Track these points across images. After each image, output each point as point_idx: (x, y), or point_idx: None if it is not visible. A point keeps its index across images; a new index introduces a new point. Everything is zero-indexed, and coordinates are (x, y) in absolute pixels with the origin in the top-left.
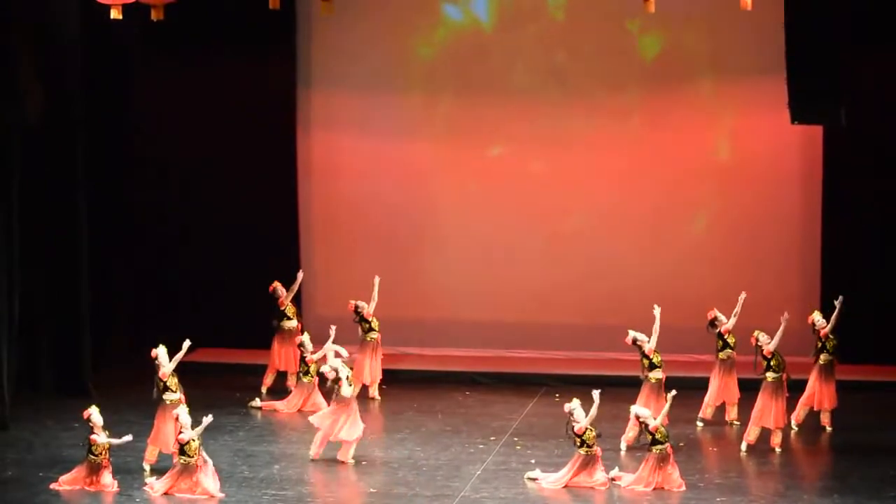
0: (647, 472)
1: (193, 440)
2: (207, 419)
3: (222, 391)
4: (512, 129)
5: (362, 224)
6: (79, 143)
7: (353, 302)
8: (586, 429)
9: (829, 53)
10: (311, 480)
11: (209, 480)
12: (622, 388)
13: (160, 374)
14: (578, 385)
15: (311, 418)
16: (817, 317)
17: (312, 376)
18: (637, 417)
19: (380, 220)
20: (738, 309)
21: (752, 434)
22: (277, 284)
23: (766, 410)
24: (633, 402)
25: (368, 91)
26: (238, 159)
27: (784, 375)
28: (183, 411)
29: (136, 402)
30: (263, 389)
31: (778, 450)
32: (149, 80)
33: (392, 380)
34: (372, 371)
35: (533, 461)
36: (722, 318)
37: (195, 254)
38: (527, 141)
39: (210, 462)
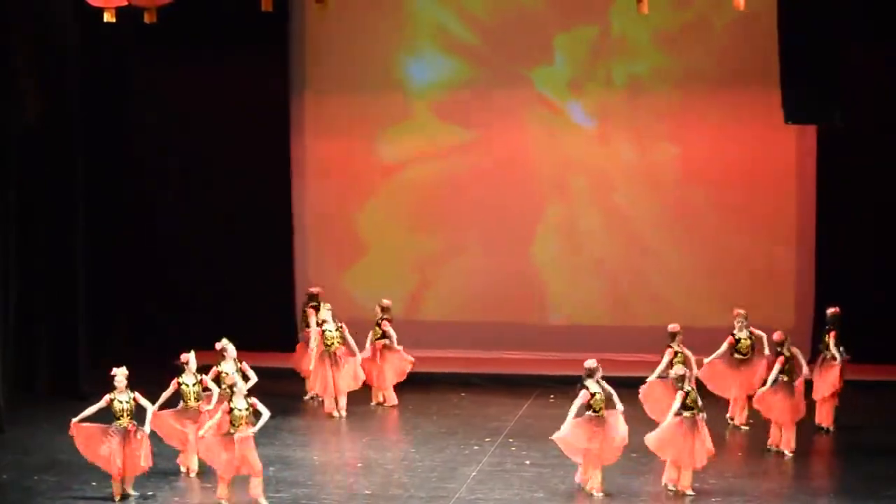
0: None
1: (239, 409)
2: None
3: None
4: (507, 130)
5: (356, 226)
6: (76, 145)
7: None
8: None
9: (823, 53)
10: (307, 482)
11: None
12: (617, 389)
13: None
14: (574, 386)
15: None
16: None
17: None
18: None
19: (373, 222)
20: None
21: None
22: (316, 289)
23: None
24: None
25: (362, 94)
26: (233, 162)
27: None
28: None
29: None
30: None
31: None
32: (145, 84)
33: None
34: (377, 375)
35: (528, 462)
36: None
37: (191, 256)
38: (524, 143)
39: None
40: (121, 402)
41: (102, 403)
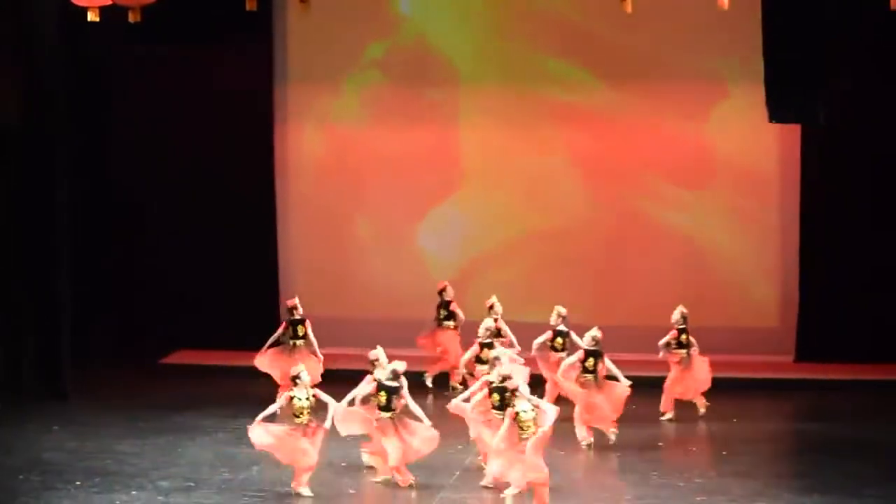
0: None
1: (525, 412)
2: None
3: (201, 392)
4: (497, 125)
5: (340, 219)
6: (59, 143)
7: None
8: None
9: (806, 52)
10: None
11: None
12: None
13: None
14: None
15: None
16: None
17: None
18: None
19: (358, 216)
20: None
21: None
22: (447, 285)
23: None
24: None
25: (346, 86)
26: (216, 156)
27: None
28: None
29: (118, 404)
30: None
31: None
32: (128, 80)
33: None
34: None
35: None
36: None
37: (176, 254)
38: (513, 139)
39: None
40: (300, 399)
41: (282, 402)
